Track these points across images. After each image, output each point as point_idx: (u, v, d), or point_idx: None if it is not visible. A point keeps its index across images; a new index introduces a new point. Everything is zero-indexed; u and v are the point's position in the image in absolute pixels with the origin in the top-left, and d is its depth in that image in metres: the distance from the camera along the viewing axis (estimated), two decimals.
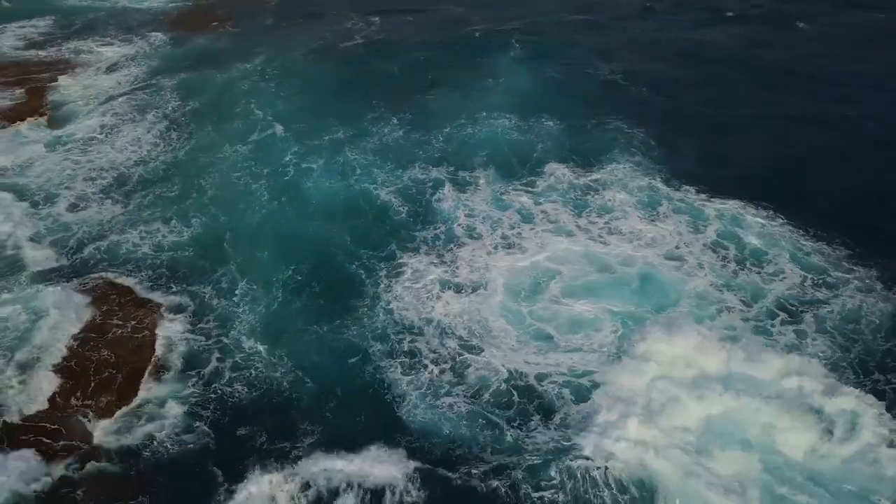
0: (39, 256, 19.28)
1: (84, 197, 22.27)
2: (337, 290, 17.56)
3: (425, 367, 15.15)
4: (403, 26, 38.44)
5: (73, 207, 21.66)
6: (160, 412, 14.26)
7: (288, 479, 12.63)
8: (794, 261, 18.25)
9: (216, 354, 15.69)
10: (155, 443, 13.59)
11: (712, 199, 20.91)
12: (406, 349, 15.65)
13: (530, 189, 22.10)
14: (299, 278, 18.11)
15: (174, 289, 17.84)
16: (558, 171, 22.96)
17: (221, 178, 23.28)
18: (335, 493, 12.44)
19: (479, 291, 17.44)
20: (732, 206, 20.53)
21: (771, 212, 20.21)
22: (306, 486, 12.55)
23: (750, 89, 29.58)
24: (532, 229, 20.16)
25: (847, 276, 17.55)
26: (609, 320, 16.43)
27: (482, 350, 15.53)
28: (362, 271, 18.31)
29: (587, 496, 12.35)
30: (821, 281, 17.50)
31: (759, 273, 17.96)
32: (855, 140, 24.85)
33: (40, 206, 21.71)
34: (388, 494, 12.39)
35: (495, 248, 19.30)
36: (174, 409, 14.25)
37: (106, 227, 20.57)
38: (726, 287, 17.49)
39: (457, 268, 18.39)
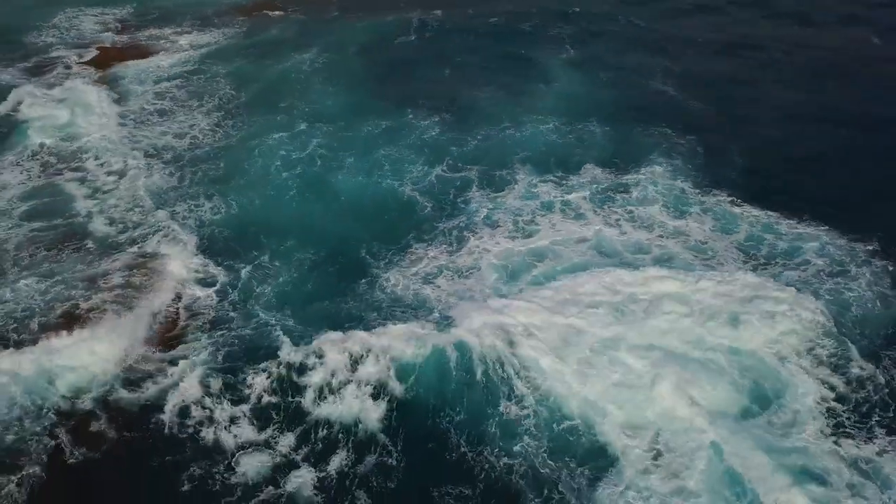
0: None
1: (140, 167, 23.78)
2: (346, 272, 18.63)
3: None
4: (461, 23, 38.20)
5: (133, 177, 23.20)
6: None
7: None
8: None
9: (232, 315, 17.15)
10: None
11: (750, 208, 20.38)
12: (398, 317, 16.75)
13: (560, 184, 22.08)
14: (316, 260, 19.16)
15: (206, 259, 19.15)
16: (594, 172, 22.71)
17: (261, 164, 24.06)
18: None
19: (473, 273, 18.28)
20: (771, 216, 20.03)
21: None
22: None
23: (808, 95, 28.28)
24: (545, 216, 20.53)
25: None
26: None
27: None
28: (372, 257, 19.20)
29: None
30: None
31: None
32: None
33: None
34: None
35: (506, 235, 19.70)
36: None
37: (156, 199, 21.95)
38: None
39: (461, 254, 19.05)
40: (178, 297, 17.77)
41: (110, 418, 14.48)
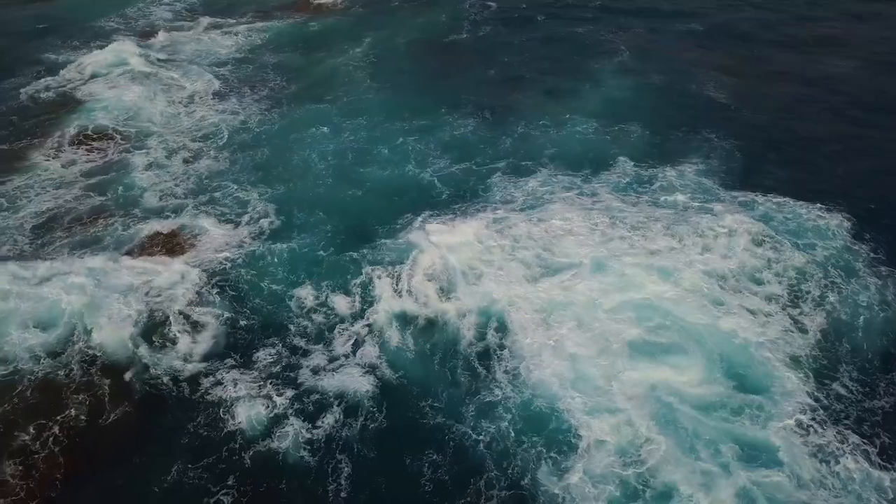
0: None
1: (188, 148, 25.32)
2: (358, 244, 19.69)
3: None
4: (515, 19, 38.29)
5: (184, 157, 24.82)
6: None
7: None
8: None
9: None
10: None
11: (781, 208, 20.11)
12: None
13: (586, 177, 22.40)
14: (335, 233, 20.33)
15: (240, 230, 20.55)
16: (625, 166, 22.83)
17: (300, 152, 24.89)
18: None
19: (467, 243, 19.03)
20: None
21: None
22: None
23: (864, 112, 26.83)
24: (554, 194, 21.36)
25: None
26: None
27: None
28: (383, 232, 20.24)
29: None
30: None
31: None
32: None
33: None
34: None
35: (511, 211, 20.50)
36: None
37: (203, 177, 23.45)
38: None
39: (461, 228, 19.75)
40: (209, 264, 18.92)
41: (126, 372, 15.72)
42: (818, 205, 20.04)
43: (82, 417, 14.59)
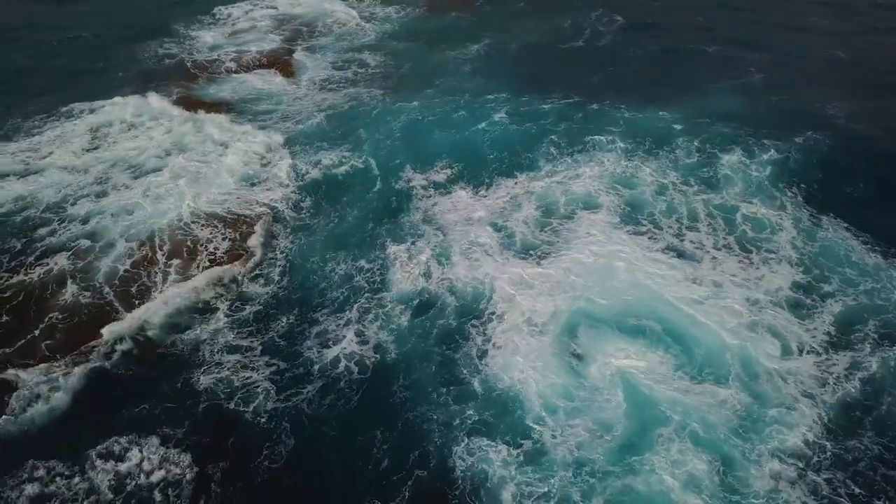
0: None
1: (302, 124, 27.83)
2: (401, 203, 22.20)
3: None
4: (638, 33, 37.66)
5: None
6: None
7: None
8: None
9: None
10: None
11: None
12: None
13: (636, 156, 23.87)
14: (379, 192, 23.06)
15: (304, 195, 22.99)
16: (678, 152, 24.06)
17: (388, 134, 26.69)
18: None
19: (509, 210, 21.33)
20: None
21: None
22: None
23: None
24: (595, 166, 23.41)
25: None
26: None
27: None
28: (425, 197, 22.42)
29: None
30: None
31: None
32: None
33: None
34: None
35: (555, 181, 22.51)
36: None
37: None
38: None
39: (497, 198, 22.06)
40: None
41: None
42: None
43: None
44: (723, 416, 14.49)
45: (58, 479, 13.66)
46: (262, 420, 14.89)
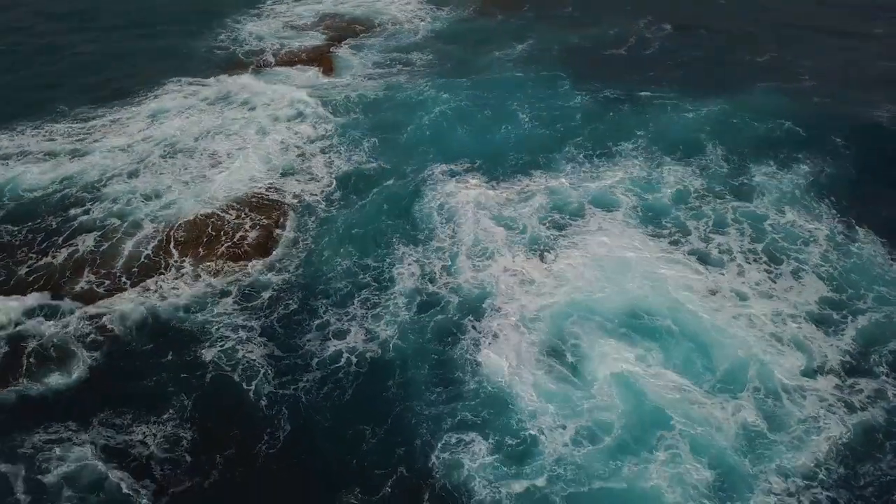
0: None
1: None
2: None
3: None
4: (684, 42, 36.70)
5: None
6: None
7: None
8: None
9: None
10: None
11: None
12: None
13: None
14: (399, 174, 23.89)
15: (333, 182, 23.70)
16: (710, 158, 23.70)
17: (422, 131, 26.97)
18: None
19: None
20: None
21: None
22: None
23: None
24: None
25: None
26: None
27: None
28: (446, 195, 22.35)
29: None
30: None
31: None
32: None
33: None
34: None
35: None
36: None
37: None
38: None
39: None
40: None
41: None
42: None
43: None
44: (731, 429, 13.93)
45: (66, 442, 14.18)
46: (264, 403, 15.15)
